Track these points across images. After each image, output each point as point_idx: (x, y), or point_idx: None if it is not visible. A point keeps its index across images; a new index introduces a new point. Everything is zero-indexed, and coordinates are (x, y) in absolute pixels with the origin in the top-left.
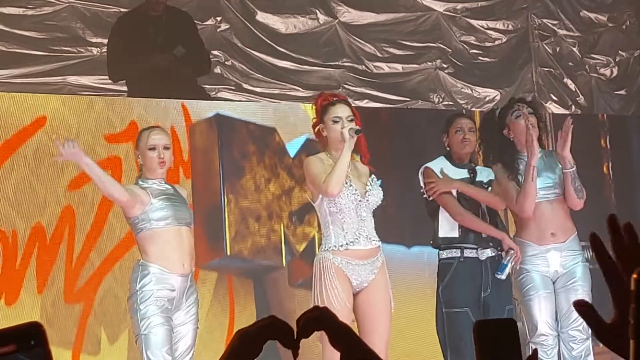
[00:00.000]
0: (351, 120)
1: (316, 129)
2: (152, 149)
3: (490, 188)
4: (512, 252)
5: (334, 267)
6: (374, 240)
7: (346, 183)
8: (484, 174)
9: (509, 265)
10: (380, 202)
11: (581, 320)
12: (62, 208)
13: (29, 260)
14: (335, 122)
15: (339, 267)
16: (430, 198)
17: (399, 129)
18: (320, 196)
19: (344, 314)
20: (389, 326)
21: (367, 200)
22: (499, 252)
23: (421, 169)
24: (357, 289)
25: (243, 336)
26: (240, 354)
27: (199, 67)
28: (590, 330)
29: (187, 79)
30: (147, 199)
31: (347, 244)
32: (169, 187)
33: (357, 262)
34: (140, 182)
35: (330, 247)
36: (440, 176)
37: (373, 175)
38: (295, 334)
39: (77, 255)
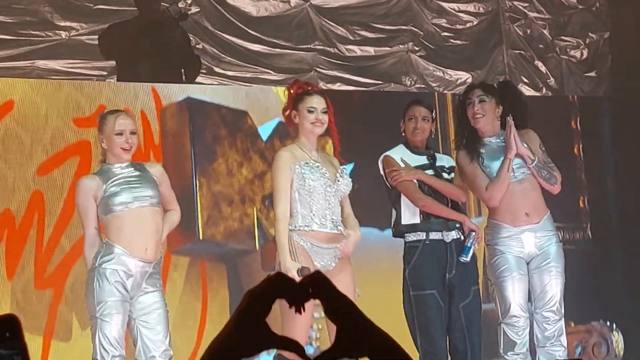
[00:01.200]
0: (325, 112)
1: (286, 114)
2: (119, 134)
3: (452, 174)
4: (474, 234)
5: (299, 248)
6: (339, 226)
7: (318, 167)
8: (444, 160)
9: (472, 247)
10: (348, 191)
11: (555, 301)
12: (31, 193)
13: None
14: (310, 111)
15: (303, 248)
16: (392, 186)
17: (372, 111)
18: (291, 178)
19: None
20: None
21: (336, 188)
22: (463, 234)
23: (381, 158)
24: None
25: (252, 296)
26: (251, 315)
27: (190, 72)
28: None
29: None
30: (101, 187)
31: (313, 225)
32: (132, 168)
33: (322, 245)
34: (103, 167)
35: (296, 228)
36: (402, 165)
37: (344, 166)
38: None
39: (47, 241)
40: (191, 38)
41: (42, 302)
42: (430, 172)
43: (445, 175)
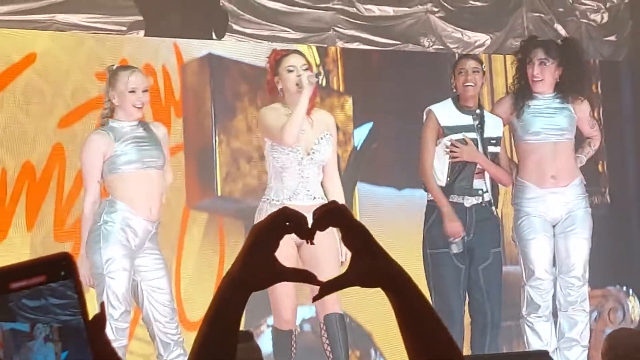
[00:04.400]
0: (306, 69)
1: (270, 84)
2: (133, 91)
3: (498, 146)
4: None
5: None
6: (316, 197)
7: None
8: (492, 126)
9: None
10: (326, 161)
11: (579, 266)
12: (52, 146)
13: (18, 197)
14: (289, 71)
15: None
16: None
17: (390, 71)
18: (267, 146)
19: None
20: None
21: (312, 159)
22: (486, 201)
23: (426, 110)
24: (300, 241)
25: (258, 231)
26: (259, 248)
27: (219, 29)
28: (587, 276)
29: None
30: (112, 145)
31: (284, 199)
32: (141, 129)
33: None
34: (110, 123)
35: (269, 200)
36: (440, 121)
37: (327, 132)
38: (309, 224)
39: (67, 194)
40: None
41: None
42: (473, 135)
43: (490, 148)
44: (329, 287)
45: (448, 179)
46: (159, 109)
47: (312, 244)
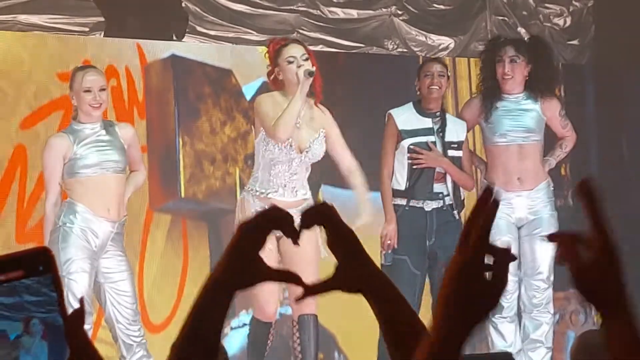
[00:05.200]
0: (306, 59)
1: (272, 76)
2: (87, 91)
3: (460, 151)
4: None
5: (252, 212)
6: (300, 192)
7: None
8: (455, 130)
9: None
10: (320, 158)
11: (544, 269)
12: (14, 147)
13: None
14: (290, 62)
15: (257, 211)
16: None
17: (354, 74)
18: (261, 135)
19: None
20: (316, 272)
21: (304, 157)
22: (447, 205)
23: (386, 114)
24: (279, 235)
25: (245, 228)
26: (244, 247)
27: (178, 30)
28: (553, 278)
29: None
30: (71, 148)
31: (269, 192)
32: (103, 131)
33: None
34: (73, 125)
35: (252, 190)
36: (398, 124)
37: (322, 130)
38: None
39: (29, 195)
40: None
41: None
42: (432, 138)
43: (451, 152)
44: (313, 290)
45: (407, 182)
46: (122, 110)
47: (296, 244)
